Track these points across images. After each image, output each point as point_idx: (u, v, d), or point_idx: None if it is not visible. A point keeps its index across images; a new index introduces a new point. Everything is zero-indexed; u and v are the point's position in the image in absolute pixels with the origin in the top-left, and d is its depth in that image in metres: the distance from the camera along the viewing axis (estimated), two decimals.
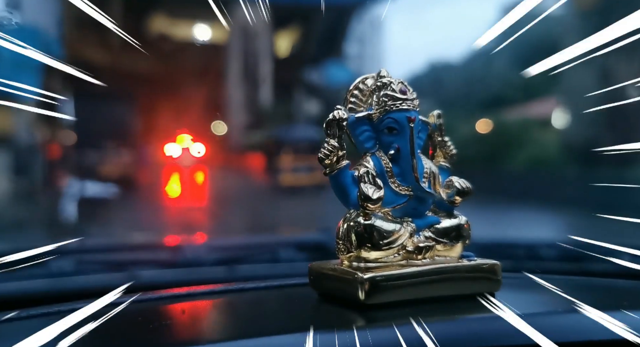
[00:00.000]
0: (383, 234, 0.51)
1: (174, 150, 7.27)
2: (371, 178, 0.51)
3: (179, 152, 7.29)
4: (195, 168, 8.04)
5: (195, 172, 8.10)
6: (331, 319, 0.50)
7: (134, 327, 0.51)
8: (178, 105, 11.00)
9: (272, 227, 4.61)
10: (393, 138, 0.53)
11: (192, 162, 7.81)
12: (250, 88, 13.21)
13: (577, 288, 0.53)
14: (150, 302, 0.58)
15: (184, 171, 7.90)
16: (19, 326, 0.53)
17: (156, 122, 9.73)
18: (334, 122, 0.52)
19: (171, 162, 7.55)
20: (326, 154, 0.52)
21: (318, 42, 13.62)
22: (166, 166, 7.68)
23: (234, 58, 13.26)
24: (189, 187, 8.10)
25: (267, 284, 0.61)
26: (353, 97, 0.56)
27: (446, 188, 0.55)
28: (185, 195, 7.92)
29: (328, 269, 0.53)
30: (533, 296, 0.56)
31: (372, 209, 0.50)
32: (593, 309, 0.46)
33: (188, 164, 7.78)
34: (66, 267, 0.91)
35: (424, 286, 0.50)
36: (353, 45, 14.49)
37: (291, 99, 13.33)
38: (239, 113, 13.07)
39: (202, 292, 0.60)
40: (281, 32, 14.40)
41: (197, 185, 8.18)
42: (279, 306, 0.58)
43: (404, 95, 0.53)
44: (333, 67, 12.65)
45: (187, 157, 7.45)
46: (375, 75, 0.56)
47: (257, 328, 0.47)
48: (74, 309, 0.55)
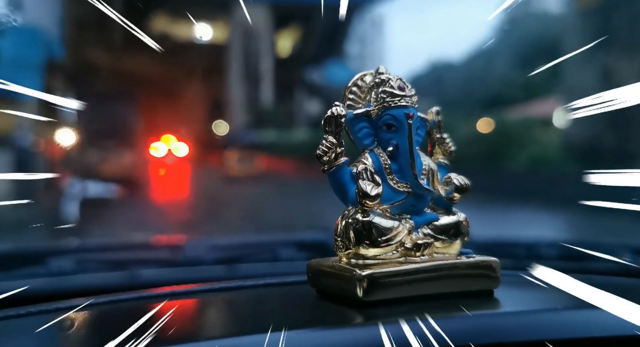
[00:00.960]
0: (381, 231, 0.51)
1: (160, 150, 9.06)
2: (369, 175, 0.51)
3: (164, 151, 9.13)
4: (176, 165, 9.78)
5: (176, 168, 9.89)
6: (329, 316, 0.50)
7: (131, 324, 0.51)
8: (174, 105, 11.26)
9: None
10: (391, 135, 0.53)
11: (175, 160, 9.57)
12: (251, 88, 13.22)
13: (576, 285, 0.53)
14: (149, 299, 0.58)
15: (168, 167, 9.68)
16: (17, 323, 0.52)
17: (150, 121, 10.33)
18: (332, 119, 0.52)
19: (156, 160, 9.12)
20: (324, 150, 0.51)
21: (319, 42, 13.63)
22: (152, 163, 9.08)
23: (234, 58, 13.26)
24: (169, 180, 9.64)
25: (265, 281, 0.61)
26: (351, 93, 0.56)
27: (445, 185, 0.55)
28: (165, 185, 9.36)
29: (326, 266, 0.53)
30: (531, 293, 0.56)
31: (370, 205, 0.50)
32: (593, 306, 0.46)
33: (171, 161, 9.52)
34: (65, 266, 0.91)
35: (422, 283, 0.50)
36: (354, 45, 14.50)
37: (292, 98, 13.34)
38: (240, 113, 13.08)
39: (201, 290, 0.60)
40: (282, 31, 14.40)
41: (175, 178, 9.82)
42: (277, 303, 0.58)
43: (402, 91, 0.53)
44: (334, 67, 12.66)
45: (171, 157, 9.31)
46: (374, 72, 0.56)
47: (254, 325, 0.47)
48: (72, 307, 0.55)
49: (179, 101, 12.18)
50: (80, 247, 1.21)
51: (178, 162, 9.71)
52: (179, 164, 9.83)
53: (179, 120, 11.93)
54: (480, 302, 0.51)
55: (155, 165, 9.24)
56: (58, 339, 0.49)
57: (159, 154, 9.28)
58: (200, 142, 10.98)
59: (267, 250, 1.04)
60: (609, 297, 0.47)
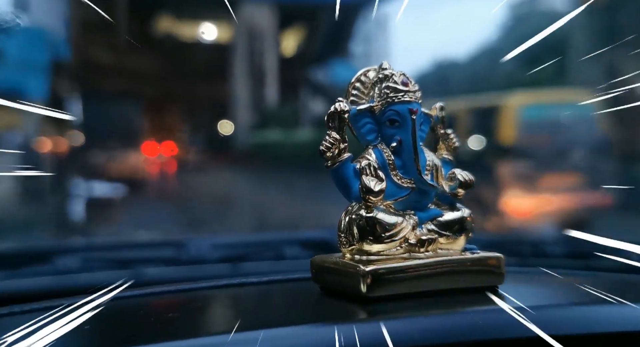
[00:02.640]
0: (385, 227, 0.50)
1: (151, 149, 10.58)
2: (373, 171, 0.51)
3: (155, 151, 10.62)
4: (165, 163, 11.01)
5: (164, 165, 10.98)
6: (333, 312, 0.49)
7: (136, 320, 0.51)
8: (178, 105, 11.72)
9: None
10: (395, 130, 0.53)
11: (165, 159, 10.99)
12: (256, 87, 13.25)
13: (581, 282, 0.53)
14: (153, 296, 0.58)
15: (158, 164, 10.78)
16: (21, 319, 0.53)
17: (152, 121, 11.14)
18: (336, 115, 0.52)
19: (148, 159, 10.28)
20: (327, 146, 0.51)
21: (324, 41, 13.63)
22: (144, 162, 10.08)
23: (239, 57, 13.29)
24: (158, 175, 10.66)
25: (269, 278, 0.61)
26: (355, 89, 0.56)
27: (449, 180, 0.54)
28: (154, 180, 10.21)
29: (330, 262, 0.53)
30: (536, 289, 0.55)
31: (374, 201, 0.50)
32: (597, 302, 0.46)
33: (162, 160, 10.86)
34: (71, 264, 0.92)
35: (426, 279, 0.50)
36: (359, 44, 14.48)
37: (297, 98, 13.34)
38: (244, 112, 13.10)
39: (204, 286, 0.60)
40: (287, 31, 14.40)
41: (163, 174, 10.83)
42: (280, 299, 0.58)
43: (406, 87, 0.53)
44: (339, 66, 12.65)
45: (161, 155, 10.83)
46: (377, 68, 0.55)
47: (258, 321, 0.47)
48: (77, 303, 0.55)
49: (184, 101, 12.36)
50: (85, 245, 1.21)
51: (168, 161, 11.06)
52: (170, 163, 11.04)
53: (183, 120, 12.35)
54: (485, 298, 0.51)
55: (149, 164, 10.32)
56: (63, 335, 0.49)
57: (151, 154, 10.59)
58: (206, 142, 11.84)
59: (272, 248, 1.04)
60: (614, 293, 0.47)
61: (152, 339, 0.42)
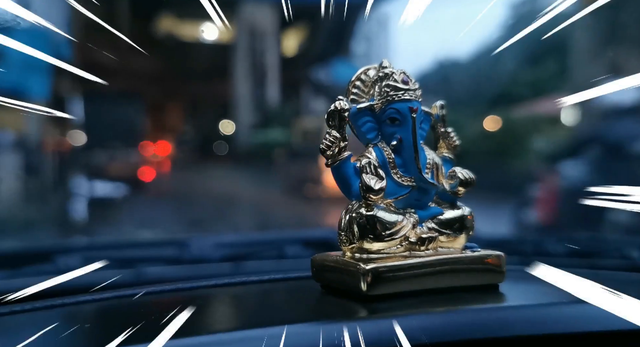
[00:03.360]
0: (385, 225, 0.50)
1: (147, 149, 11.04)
2: (373, 169, 0.51)
3: (150, 150, 11.17)
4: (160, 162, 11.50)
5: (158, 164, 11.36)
6: (334, 310, 0.49)
7: (138, 319, 0.51)
8: (179, 105, 11.91)
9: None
10: (395, 129, 0.53)
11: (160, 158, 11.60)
12: (257, 87, 13.25)
13: (582, 280, 0.53)
14: (155, 294, 0.58)
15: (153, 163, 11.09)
16: (23, 318, 0.53)
17: (153, 121, 11.49)
18: (336, 113, 0.52)
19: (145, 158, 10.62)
20: (328, 145, 0.51)
21: (325, 41, 13.61)
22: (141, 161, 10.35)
23: (240, 57, 13.29)
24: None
25: (270, 277, 0.61)
26: (355, 88, 0.56)
27: (449, 179, 0.54)
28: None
29: (330, 260, 0.53)
30: (537, 287, 0.55)
31: (374, 200, 0.50)
32: (598, 300, 0.46)
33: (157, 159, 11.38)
34: (72, 264, 0.92)
35: (426, 277, 0.50)
36: (360, 44, 14.46)
37: (298, 97, 13.34)
38: (246, 112, 13.11)
39: (206, 285, 0.60)
40: (288, 31, 14.39)
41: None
42: (281, 297, 0.58)
43: (406, 85, 0.53)
44: (340, 66, 12.63)
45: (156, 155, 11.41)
46: (378, 66, 0.55)
47: (259, 319, 0.47)
48: (79, 302, 0.55)
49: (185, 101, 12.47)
50: (87, 245, 1.21)
51: (162, 160, 11.70)
52: (164, 162, 11.66)
53: (183, 120, 12.58)
54: (485, 296, 0.51)
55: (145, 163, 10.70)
56: (64, 334, 0.49)
57: (147, 153, 11.06)
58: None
59: (273, 247, 1.04)
60: (615, 292, 0.47)
61: (154, 337, 0.42)
